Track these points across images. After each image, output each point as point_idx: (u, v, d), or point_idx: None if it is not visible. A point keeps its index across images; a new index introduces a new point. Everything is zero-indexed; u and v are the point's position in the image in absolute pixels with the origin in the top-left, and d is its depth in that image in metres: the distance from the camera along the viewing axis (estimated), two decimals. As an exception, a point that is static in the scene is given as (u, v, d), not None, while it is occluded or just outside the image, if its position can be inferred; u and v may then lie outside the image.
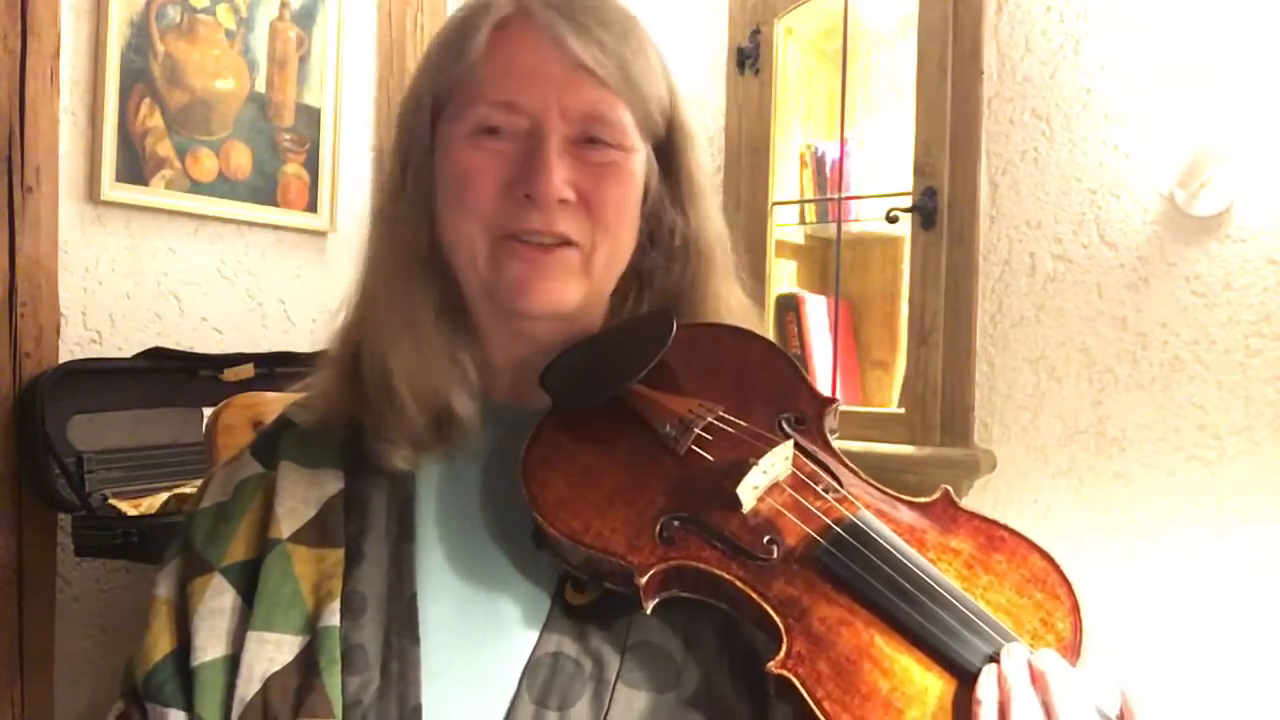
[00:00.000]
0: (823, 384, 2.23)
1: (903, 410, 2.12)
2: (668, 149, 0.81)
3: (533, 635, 0.69)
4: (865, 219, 2.26)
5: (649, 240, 0.81)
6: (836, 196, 2.26)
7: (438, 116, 0.77)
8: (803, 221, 2.38)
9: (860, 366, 2.41)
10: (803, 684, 0.59)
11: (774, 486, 0.69)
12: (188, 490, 1.73)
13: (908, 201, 2.08)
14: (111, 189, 1.89)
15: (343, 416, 0.79)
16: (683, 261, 0.82)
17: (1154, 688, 1.78)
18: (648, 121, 0.78)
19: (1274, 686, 1.72)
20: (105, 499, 1.73)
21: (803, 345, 2.30)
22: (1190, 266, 1.84)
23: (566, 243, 0.74)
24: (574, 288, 0.76)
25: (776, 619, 0.62)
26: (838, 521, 0.66)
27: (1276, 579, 1.74)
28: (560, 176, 0.72)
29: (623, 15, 0.78)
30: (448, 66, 0.77)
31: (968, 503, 0.77)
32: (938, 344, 2.05)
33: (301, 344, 2.17)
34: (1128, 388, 1.90)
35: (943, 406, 2.04)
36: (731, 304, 0.84)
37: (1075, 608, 0.62)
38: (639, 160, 0.78)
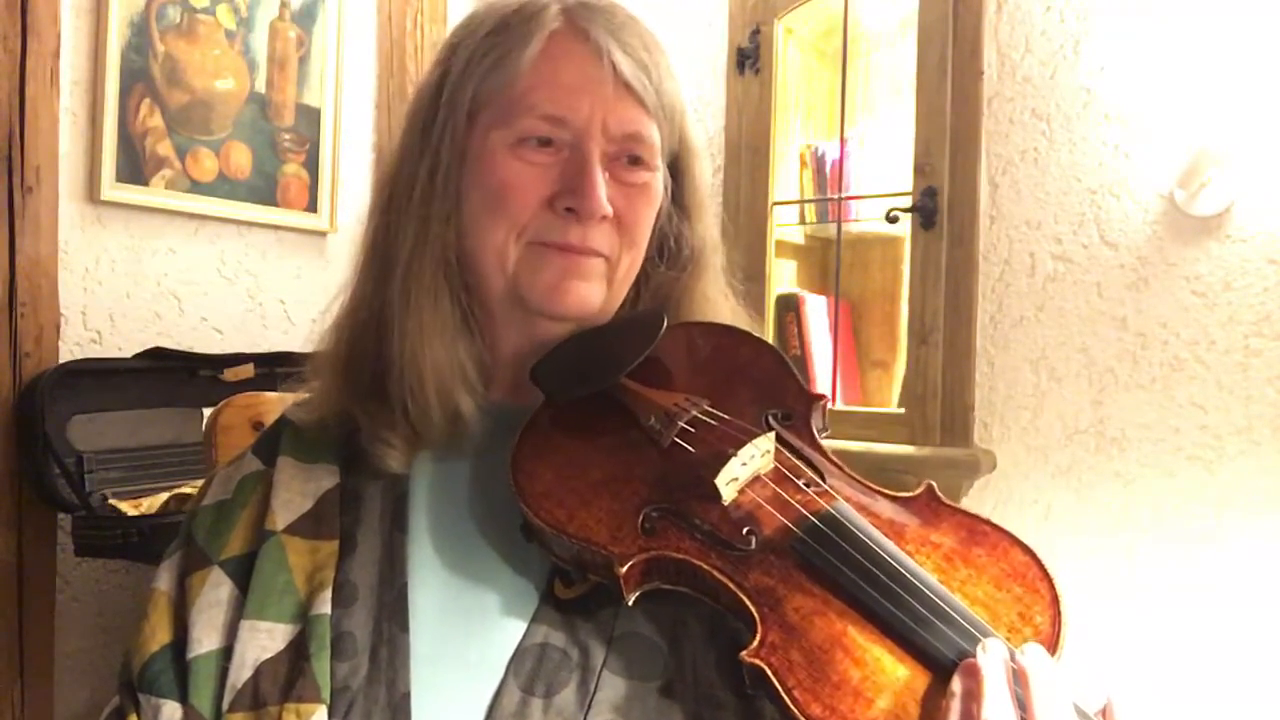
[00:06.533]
0: (823, 384, 2.23)
1: (903, 410, 2.11)
2: (677, 164, 0.84)
3: (521, 626, 0.70)
4: (865, 219, 2.26)
5: (658, 252, 0.84)
6: (836, 196, 2.26)
7: (473, 120, 0.78)
8: (803, 221, 2.37)
9: (860, 366, 2.41)
10: (774, 673, 0.59)
11: (756, 480, 0.70)
12: (188, 490, 1.73)
13: (908, 201, 2.08)
14: (111, 189, 1.90)
15: (338, 413, 0.81)
16: (681, 269, 0.85)
17: (1152, 687, 1.78)
18: (669, 140, 0.81)
19: (1273, 686, 1.72)
20: (105, 499, 1.73)
21: (803, 345, 2.30)
22: (1190, 266, 1.84)
23: (596, 253, 0.78)
24: (599, 292, 0.79)
25: (752, 608, 0.62)
26: (815, 513, 0.66)
27: (1276, 579, 1.74)
28: (605, 195, 0.75)
29: (653, 37, 0.81)
30: (490, 73, 0.77)
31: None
32: (938, 344, 2.04)
33: (301, 344, 2.17)
34: (1128, 388, 1.90)
35: (943, 406, 2.04)
36: (721, 307, 0.86)
37: (1055, 602, 0.61)
38: (660, 179, 0.81)
